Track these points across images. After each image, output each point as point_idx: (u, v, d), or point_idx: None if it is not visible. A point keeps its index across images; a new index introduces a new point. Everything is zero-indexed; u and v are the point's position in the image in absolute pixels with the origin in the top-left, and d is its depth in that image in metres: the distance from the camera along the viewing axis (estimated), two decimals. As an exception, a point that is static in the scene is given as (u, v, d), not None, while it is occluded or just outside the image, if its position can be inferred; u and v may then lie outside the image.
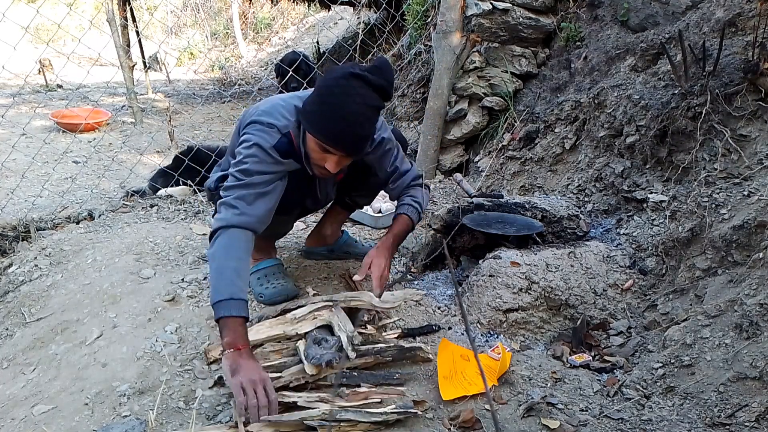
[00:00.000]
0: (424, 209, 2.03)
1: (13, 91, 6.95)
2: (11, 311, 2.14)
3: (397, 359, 1.70)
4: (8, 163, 3.46)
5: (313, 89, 1.69)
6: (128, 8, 6.94)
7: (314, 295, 1.95)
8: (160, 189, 3.31)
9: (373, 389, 1.53)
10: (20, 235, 2.69)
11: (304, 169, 1.77)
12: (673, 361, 1.70)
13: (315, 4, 7.74)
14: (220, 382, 1.59)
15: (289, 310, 1.75)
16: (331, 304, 1.70)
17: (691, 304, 1.91)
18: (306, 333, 1.64)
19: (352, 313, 1.77)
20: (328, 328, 1.66)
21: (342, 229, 2.43)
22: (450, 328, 1.98)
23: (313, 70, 3.99)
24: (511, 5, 3.33)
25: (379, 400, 1.45)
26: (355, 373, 1.58)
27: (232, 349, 1.43)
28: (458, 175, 3.39)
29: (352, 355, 1.55)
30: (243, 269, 1.55)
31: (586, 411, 1.59)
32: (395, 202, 2.08)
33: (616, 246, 2.31)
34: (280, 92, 4.19)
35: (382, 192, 2.36)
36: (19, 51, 2.92)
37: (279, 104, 1.75)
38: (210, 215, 2.86)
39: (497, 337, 1.98)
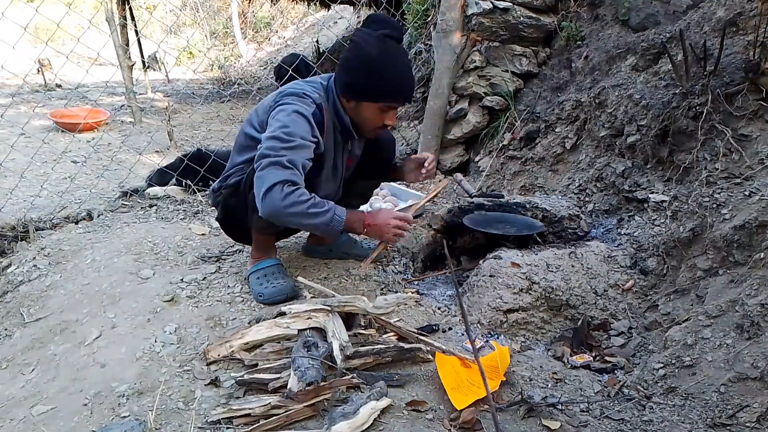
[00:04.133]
0: None
1: (12, 90, 6.94)
2: (10, 311, 2.13)
3: (397, 360, 1.70)
4: (7, 163, 3.44)
5: (344, 62, 1.86)
6: (127, 7, 6.94)
7: (311, 298, 1.95)
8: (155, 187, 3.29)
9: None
10: (19, 235, 2.68)
11: (317, 156, 1.86)
12: (674, 361, 1.69)
13: (315, 3, 7.74)
14: (217, 382, 1.59)
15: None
16: (328, 308, 1.70)
17: (692, 305, 1.91)
18: (300, 330, 1.63)
19: (349, 318, 1.76)
20: (322, 331, 1.65)
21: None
22: (450, 329, 1.98)
23: (311, 72, 3.99)
24: (511, 4, 3.32)
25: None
26: (355, 374, 1.57)
27: (362, 218, 1.89)
28: (459, 175, 3.38)
29: (341, 364, 1.54)
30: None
31: (587, 412, 1.59)
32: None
33: (617, 246, 2.30)
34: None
35: (379, 193, 2.36)
36: (18, 50, 2.91)
37: (303, 83, 1.92)
38: (209, 216, 2.85)
39: (498, 338, 1.98)
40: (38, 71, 7.92)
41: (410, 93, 1.91)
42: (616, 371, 1.82)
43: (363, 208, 2.89)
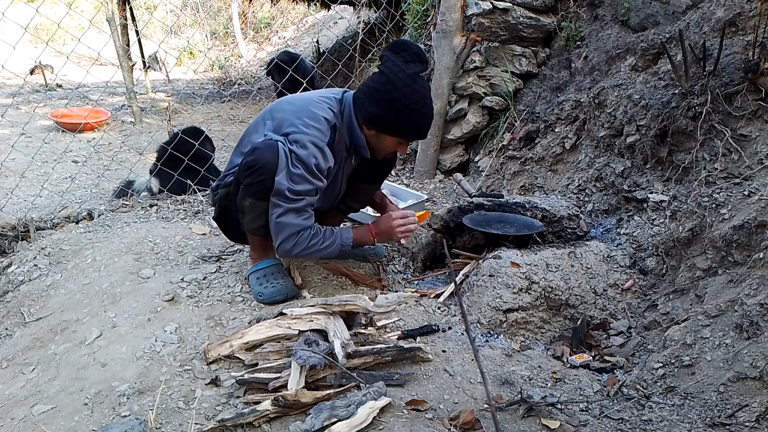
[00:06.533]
0: None
1: (13, 90, 6.95)
2: (11, 311, 2.13)
3: (397, 359, 1.70)
4: (8, 163, 3.45)
5: (372, 92, 1.86)
6: (128, 8, 6.94)
7: (311, 297, 1.95)
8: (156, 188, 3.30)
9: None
10: (20, 234, 2.68)
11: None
12: (673, 361, 1.70)
13: (315, 4, 7.74)
14: (217, 382, 1.59)
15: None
16: (329, 312, 1.70)
17: (691, 304, 1.91)
18: (301, 332, 1.64)
19: (350, 316, 1.76)
20: (323, 333, 1.65)
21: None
22: (450, 328, 1.98)
23: (303, 70, 4.00)
24: (511, 5, 3.32)
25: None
26: (355, 374, 1.57)
27: (368, 230, 2.04)
28: (458, 175, 3.38)
29: (342, 361, 1.54)
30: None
31: (587, 411, 1.59)
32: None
33: (617, 246, 2.31)
34: (277, 90, 4.22)
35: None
36: (19, 50, 2.92)
37: (317, 98, 1.93)
38: (209, 215, 2.85)
39: (497, 337, 1.98)
40: (31, 72, 7.94)
41: (427, 133, 2.00)
42: (615, 371, 1.82)
43: (366, 208, 2.90)
